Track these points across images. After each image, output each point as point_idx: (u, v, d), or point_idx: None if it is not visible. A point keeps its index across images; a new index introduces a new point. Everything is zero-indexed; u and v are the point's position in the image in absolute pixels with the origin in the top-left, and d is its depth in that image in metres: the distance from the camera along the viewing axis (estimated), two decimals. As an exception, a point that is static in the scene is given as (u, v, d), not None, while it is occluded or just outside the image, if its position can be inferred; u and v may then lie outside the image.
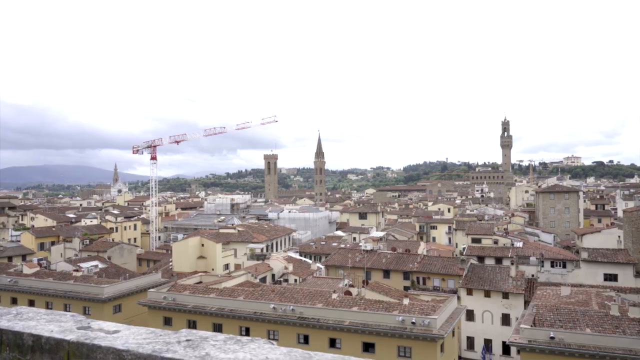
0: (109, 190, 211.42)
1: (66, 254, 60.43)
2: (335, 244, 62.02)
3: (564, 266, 48.05)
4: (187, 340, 1.51)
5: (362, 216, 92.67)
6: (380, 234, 67.74)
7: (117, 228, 79.33)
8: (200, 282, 41.43)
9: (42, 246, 65.93)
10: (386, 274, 49.23)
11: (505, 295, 40.27)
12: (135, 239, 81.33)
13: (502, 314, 40.24)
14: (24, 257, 57.65)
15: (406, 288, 45.72)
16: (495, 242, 57.77)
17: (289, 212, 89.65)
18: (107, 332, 1.64)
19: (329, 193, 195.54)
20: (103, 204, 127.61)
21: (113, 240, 68.87)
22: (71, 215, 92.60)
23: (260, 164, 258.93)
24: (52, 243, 66.71)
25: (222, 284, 38.70)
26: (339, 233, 75.32)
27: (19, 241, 65.81)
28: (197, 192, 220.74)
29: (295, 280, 46.25)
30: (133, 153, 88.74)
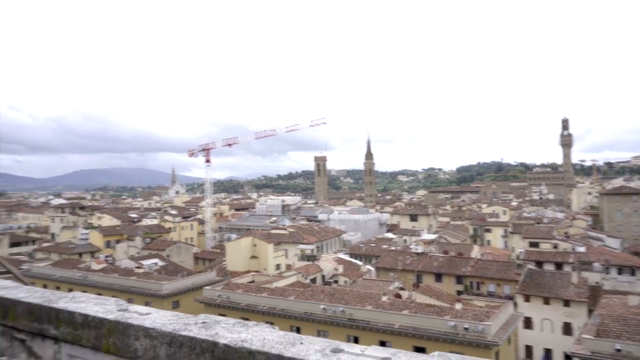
0: (167, 191, 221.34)
1: (129, 252, 64.04)
2: (385, 246, 61.62)
3: (633, 273, 45.06)
4: (203, 323, 1.84)
5: (413, 218, 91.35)
6: (432, 236, 66.51)
7: (175, 228, 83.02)
8: (253, 282, 42.60)
9: (108, 244, 70.27)
10: (438, 277, 48.34)
11: (567, 303, 38.34)
12: (191, 238, 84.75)
13: (563, 323, 38.33)
14: (92, 254, 61.87)
15: (459, 292, 44.66)
16: (555, 247, 55.09)
17: (339, 213, 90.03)
18: (140, 313, 2.03)
19: (379, 194, 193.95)
20: (162, 204, 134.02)
21: (171, 239, 72.16)
22: (133, 215, 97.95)
23: (310, 166, 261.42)
24: (117, 241, 70.91)
25: (273, 284, 39.60)
26: (389, 235, 74.70)
27: (88, 239, 70.52)
28: (249, 194, 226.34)
29: (345, 282, 46.45)
30: (189, 156, 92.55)
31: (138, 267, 48.30)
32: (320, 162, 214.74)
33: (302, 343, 1.64)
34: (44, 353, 2.18)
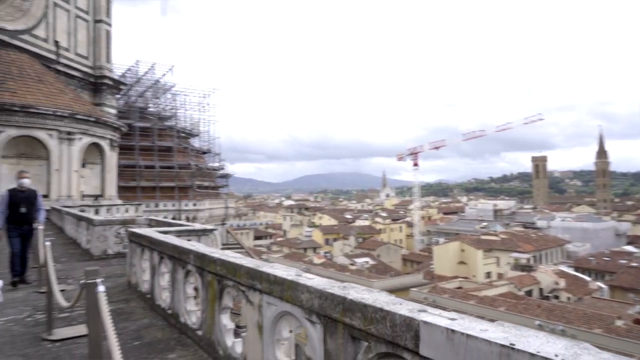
0: (378, 194, 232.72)
1: (344, 249, 70.15)
2: (623, 261, 51.68)
3: None
4: (343, 287, 2.65)
5: (667, 229, 73.72)
6: (695, 253, 52.66)
7: (385, 229, 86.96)
8: (460, 288, 41.65)
9: (327, 241, 78.47)
10: (702, 305, 38.12)
11: None
12: (400, 240, 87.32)
13: None
14: (314, 250, 70.17)
15: None
16: None
17: (562, 220, 79.42)
18: (308, 278, 3.00)
19: (616, 200, 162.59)
20: (374, 207, 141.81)
21: (382, 240, 75.92)
22: (348, 216, 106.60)
23: (528, 167, 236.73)
24: (334, 239, 78.51)
25: (482, 292, 37.98)
26: (630, 248, 62.10)
27: (311, 236, 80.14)
28: (458, 197, 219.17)
29: (568, 299, 41.02)
30: (397, 160, 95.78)
31: (351, 264, 52.67)
32: (538, 162, 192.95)
33: (400, 304, 2.27)
34: (254, 299, 3.34)
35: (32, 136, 22.85)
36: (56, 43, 29.94)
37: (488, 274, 50.61)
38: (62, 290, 5.42)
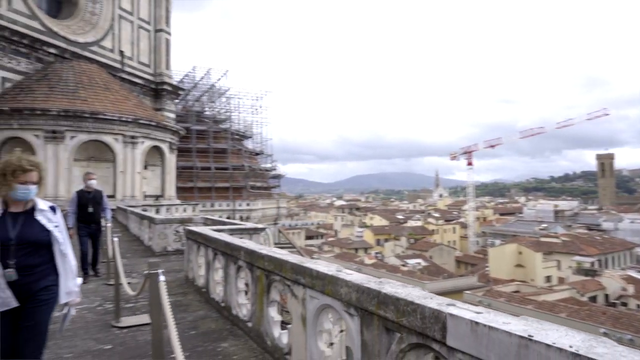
0: (431, 194, 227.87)
1: (395, 250, 69.47)
2: (703, 267, 47.55)
3: None
4: (379, 282, 2.84)
5: None
6: None
7: (437, 230, 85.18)
8: (517, 292, 40.09)
9: (378, 242, 78.04)
10: None
11: None
12: (454, 241, 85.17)
13: None
14: (365, 250, 70.01)
15: None
16: None
17: (631, 222, 74.09)
18: (347, 273, 3.18)
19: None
20: (426, 207, 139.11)
21: (434, 241, 74.46)
22: (400, 217, 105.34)
23: (592, 165, 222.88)
24: (386, 240, 77.92)
25: (540, 297, 36.40)
26: None
27: (362, 236, 80.00)
28: (516, 198, 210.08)
29: (638, 306, 38.34)
30: (450, 159, 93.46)
31: (403, 265, 52.10)
32: (604, 160, 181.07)
33: (431, 298, 2.41)
34: (298, 293, 3.58)
35: (100, 140, 24.59)
36: (121, 53, 32.00)
37: (548, 278, 48.29)
38: (128, 283, 5.93)
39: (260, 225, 9.47)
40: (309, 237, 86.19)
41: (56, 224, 3.17)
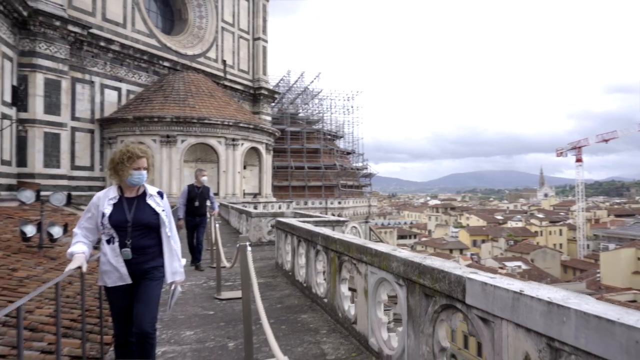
0: (534, 194, 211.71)
1: (493, 252, 66.21)
2: None
3: None
4: (423, 257, 3.35)
5: None
6: None
7: (541, 232, 79.36)
8: (635, 301, 36.16)
9: (474, 243, 74.97)
10: None
11: None
12: (560, 244, 78.75)
13: None
14: (460, 251, 67.70)
15: None
16: None
17: None
18: (399, 251, 3.69)
19: None
20: (529, 207, 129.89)
21: (537, 243, 69.57)
22: (499, 217, 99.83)
23: None
24: (482, 241, 74.57)
25: (662, 308, 32.45)
26: None
27: (457, 237, 77.41)
28: (636, 197, 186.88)
29: None
30: (557, 156, 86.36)
31: (501, 268, 49.58)
32: None
33: (459, 268, 2.89)
34: (362, 270, 4.18)
35: (206, 143, 27.22)
36: (224, 62, 34.93)
37: (674, 288, 42.72)
38: (224, 267, 6.99)
39: (342, 219, 10.17)
40: (401, 237, 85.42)
41: (163, 209, 3.39)
